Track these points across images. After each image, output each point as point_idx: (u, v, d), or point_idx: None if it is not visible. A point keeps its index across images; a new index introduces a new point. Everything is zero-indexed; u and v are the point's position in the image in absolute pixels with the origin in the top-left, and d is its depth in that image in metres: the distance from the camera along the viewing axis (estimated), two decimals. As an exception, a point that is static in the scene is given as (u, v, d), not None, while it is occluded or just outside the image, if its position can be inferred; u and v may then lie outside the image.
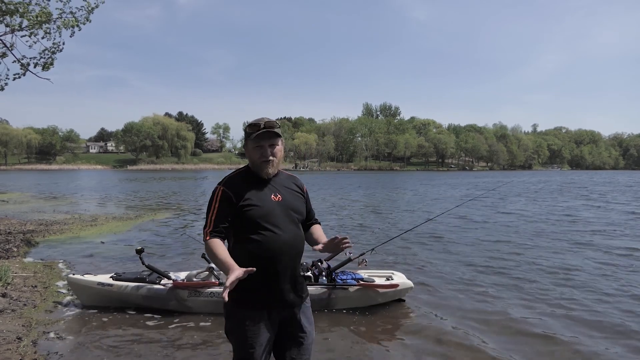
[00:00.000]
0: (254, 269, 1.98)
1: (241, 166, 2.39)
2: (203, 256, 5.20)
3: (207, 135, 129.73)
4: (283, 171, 2.41)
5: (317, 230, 2.46)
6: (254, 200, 2.18)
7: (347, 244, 2.18)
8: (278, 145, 2.26)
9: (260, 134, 2.20)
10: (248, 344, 2.17)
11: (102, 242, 9.08)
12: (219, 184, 2.25)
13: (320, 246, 2.27)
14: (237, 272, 1.93)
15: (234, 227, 2.21)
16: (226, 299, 1.87)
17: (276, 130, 2.22)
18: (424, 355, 3.97)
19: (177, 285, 4.88)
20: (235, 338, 2.23)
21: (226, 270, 2.01)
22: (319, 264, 5.22)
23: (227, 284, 1.88)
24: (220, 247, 2.13)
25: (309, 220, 2.47)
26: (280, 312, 2.24)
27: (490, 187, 30.35)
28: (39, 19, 7.55)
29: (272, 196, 2.24)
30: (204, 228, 2.18)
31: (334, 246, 2.22)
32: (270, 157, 2.22)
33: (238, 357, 2.24)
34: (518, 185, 34.30)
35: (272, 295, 2.20)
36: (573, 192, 27.15)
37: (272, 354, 2.29)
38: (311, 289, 4.82)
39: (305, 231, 2.41)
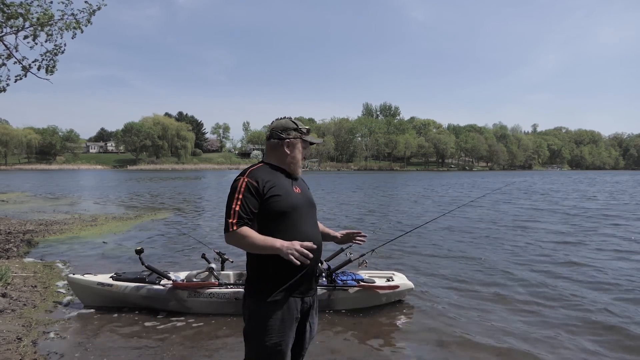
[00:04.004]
0: (311, 244, 2.12)
1: (256, 163, 2.40)
2: (203, 256, 5.20)
3: (207, 135, 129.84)
4: None
5: (321, 225, 2.59)
6: (279, 192, 2.23)
7: (360, 238, 2.50)
8: None
9: (307, 137, 2.45)
10: (282, 334, 2.19)
11: (105, 242, 9.08)
12: (240, 175, 2.25)
13: (339, 234, 2.55)
14: (296, 243, 2.07)
15: (258, 218, 2.22)
16: (309, 255, 2.05)
17: None
18: (424, 356, 3.96)
19: (176, 285, 4.88)
20: (265, 326, 2.18)
21: (271, 249, 2.08)
22: (319, 264, 5.20)
23: (299, 247, 2.04)
24: (253, 232, 2.15)
25: None
26: (302, 302, 2.31)
27: (493, 188, 30.35)
28: (40, 20, 7.55)
29: (294, 189, 2.34)
30: (228, 219, 2.16)
31: (349, 238, 2.53)
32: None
33: (265, 346, 2.18)
34: (517, 186, 34.28)
35: (300, 286, 2.27)
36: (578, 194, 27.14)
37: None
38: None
39: None
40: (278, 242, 2.08)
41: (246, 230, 2.14)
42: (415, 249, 8.68)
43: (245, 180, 2.21)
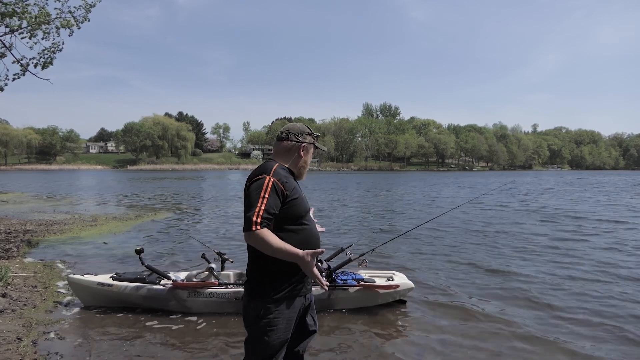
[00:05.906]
0: (323, 250, 2.20)
1: (272, 163, 2.31)
2: (203, 256, 5.20)
3: (207, 135, 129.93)
4: None
5: None
6: (297, 195, 2.27)
7: None
8: None
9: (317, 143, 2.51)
10: (286, 331, 2.25)
11: (105, 243, 9.08)
12: (264, 172, 2.21)
13: None
14: (308, 257, 2.12)
15: (277, 219, 2.20)
16: (326, 288, 2.26)
17: None
18: (424, 356, 3.96)
19: (176, 285, 4.88)
20: (273, 325, 2.20)
21: (293, 256, 2.11)
22: (319, 264, 5.19)
23: (317, 273, 2.14)
24: (274, 235, 2.13)
25: None
26: (305, 299, 2.37)
27: (494, 188, 30.36)
28: (37, 19, 7.53)
29: (302, 192, 2.40)
30: (251, 217, 2.09)
31: None
32: None
33: (272, 345, 2.22)
34: (519, 186, 34.27)
35: (303, 286, 2.32)
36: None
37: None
38: (311, 289, 4.81)
39: None
40: (300, 252, 2.12)
41: (267, 233, 2.10)
42: (416, 248, 8.68)
43: (272, 180, 2.16)
